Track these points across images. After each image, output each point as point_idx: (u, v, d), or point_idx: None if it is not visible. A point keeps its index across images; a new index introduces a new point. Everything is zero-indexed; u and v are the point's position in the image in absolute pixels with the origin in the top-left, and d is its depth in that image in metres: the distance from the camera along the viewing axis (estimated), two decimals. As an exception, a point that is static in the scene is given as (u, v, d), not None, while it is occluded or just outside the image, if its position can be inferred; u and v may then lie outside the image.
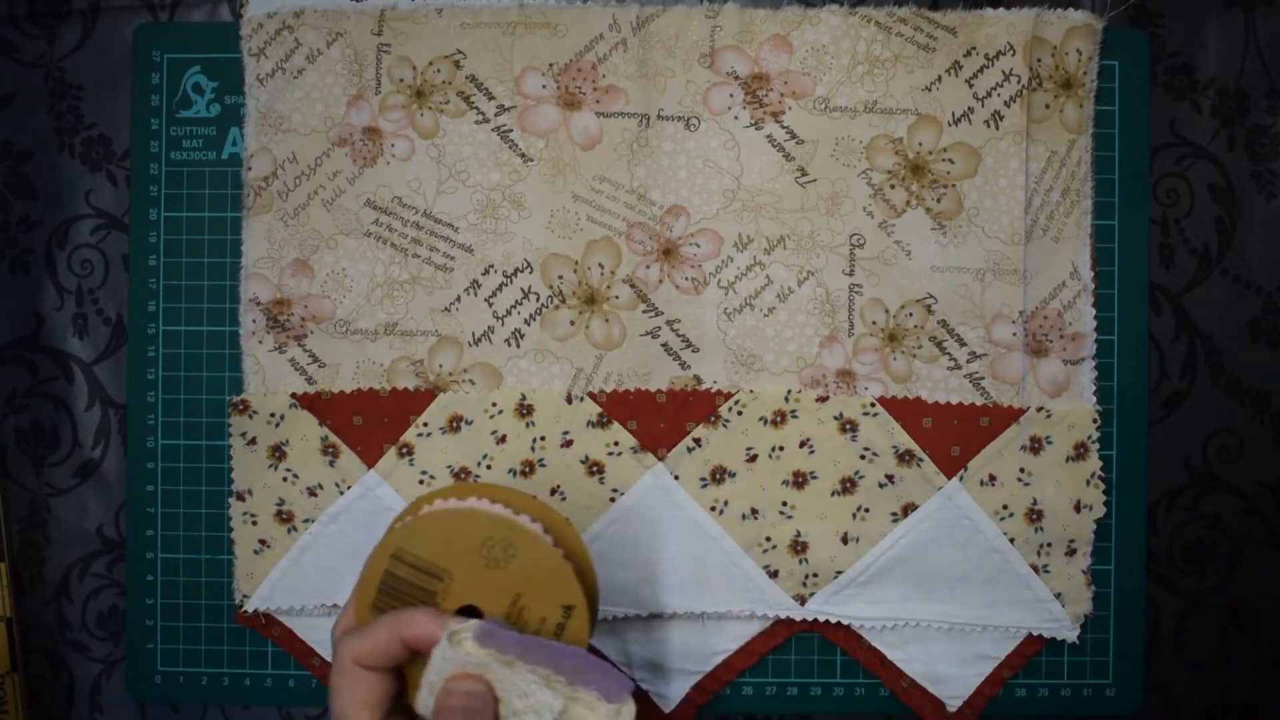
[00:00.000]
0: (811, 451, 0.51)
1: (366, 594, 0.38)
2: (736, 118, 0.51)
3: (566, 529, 0.39)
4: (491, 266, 0.51)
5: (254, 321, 0.52)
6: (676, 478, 0.51)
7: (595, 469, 0.51)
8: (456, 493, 0.39)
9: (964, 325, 0.51)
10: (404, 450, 0.51)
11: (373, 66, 0.51)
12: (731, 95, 0.51)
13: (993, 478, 0.51)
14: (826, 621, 0.52)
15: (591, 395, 0.51)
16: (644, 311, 0.51)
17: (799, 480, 0.51)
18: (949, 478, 0.51)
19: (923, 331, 0.51)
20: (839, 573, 0.51)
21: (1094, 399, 0.51)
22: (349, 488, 0.51)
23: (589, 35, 0.51)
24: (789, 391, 0.51)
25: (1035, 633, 0.52)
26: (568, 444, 0.51)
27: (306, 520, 0.52)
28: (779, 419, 0.51)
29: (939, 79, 0.51)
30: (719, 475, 0.51)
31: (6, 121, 0.53)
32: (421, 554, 0.37)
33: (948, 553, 0.51)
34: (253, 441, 0.51)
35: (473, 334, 0.51)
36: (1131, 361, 0.52)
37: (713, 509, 0.51)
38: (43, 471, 0.54)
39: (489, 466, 0.51)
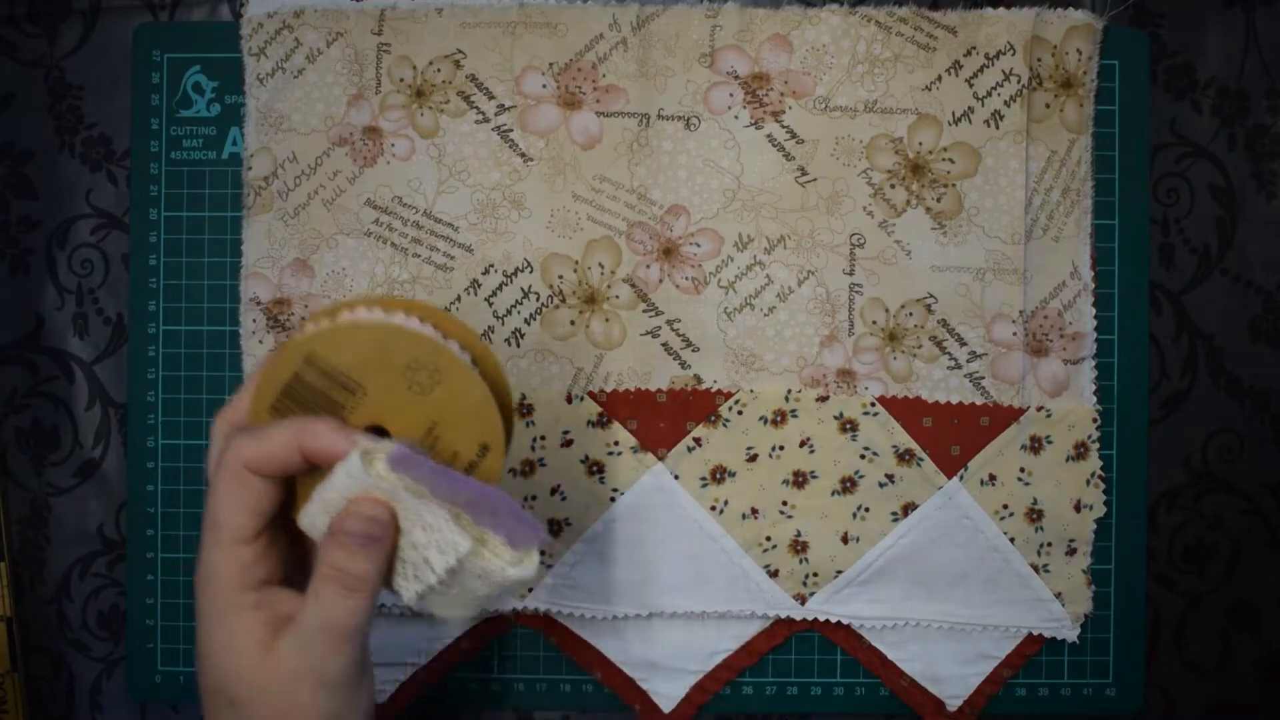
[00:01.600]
0: (812, 451, 0.51)
1: (266, 394, 0.34)
2: (736, 117, 0.51)
3: (492, 360, 0.37)
4: (491, 266, 0.51)
5: (254, 321, 0.52)
6: (676, 477, 0.51)
7: (595, 469, 0.51)
8: (383, 304, 0.35)
9: (964, 325, 0.51)
10: (404, 450, 0.51)
11: (373, 66, 0.51)
12: (731, 95, 0.51)
13: (993, 477, 0.51)
14: (826, 621, 0.52)
15: (591, 395, 0.51)
16: (644, 311, 0.51)
17: (799, 480, 0.51)
18: (949, 477, 0.51)
19: (923, 331, 0.51)
20: (839, 572, 0.51)
21: (1094, 399, 0.51)
22: (349, 487, 0.51)
23: (589, 35, 0.51)
24: (789, 391, 0.51)
25: (1035, 632, 0.52)
26: (568, 443, 0.51)
27: (306, 520, 0.51)
28: (779, 418, 0.51)
29: (939, 78, 0.51)
30: (719, 475, 0.51)
31: (6, 121, 0.53)
32: (338, 363, 0.34)
33: (948, 552, 0.51)
34: (253, 441, 0.51)
35: (473, 334, 0.51)
36: (1131, 361, 0.52)
37: (713, 508, 0.51)
38: (43, 471, 0.54)
39: (489, 466, 0.51)
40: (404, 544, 0.34)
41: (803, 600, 0.51)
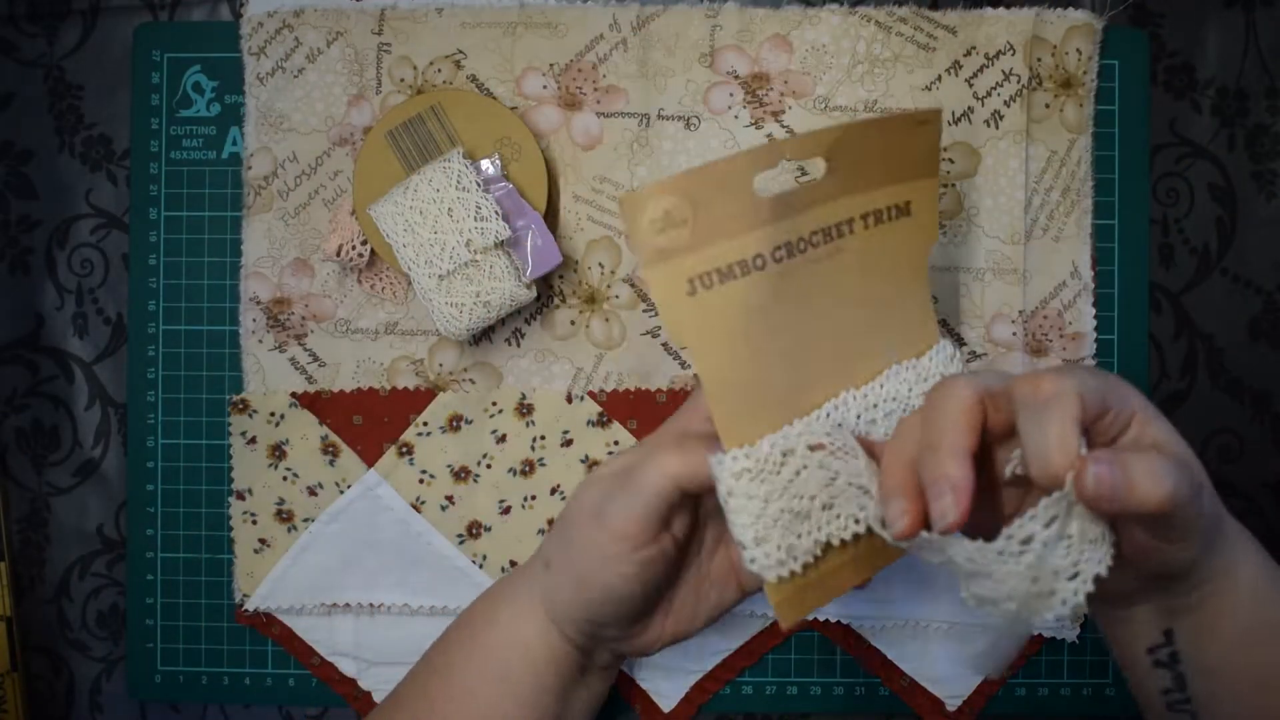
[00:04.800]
0: (811, 451, 0.51)
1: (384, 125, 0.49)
2: (736, 117, 0.51)
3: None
4: (491, 266, 0.51)
5: (254, 321, 0.52)
6: (676, 477, 0.51)
7: (595, 468, 0.51)
8: None
9: (964, 325, 0.51)
10: (404, 450, 0.51)
11: (373, 66, 0.51)
12: (731, 95, 0.51)
13: (993, 477, 0.51)
14: (826, 621, 0.51)
15: (592, 394, 0.51)
16: (644, 311, 0.51)
17: (799, 480, 0.51)
18: (949, 477, 0.51)
19: (923, 331, 0.51)
20: (839, 572, 0.51)
21: (1094, 399, 0.51)
22: (349, 487, 0.51)
23: (589, 35, 0.51)
24: (789, 391, 0.51)
25: (1035, 632, 0.52)
26: (568, 443, 0.51)
27: (306, 520, 0.52)
28: (779, 418, 0.51)
29: (939, 78, 0.51)
30: (719, 475, 0.51)
31: (6, 121, 0.53)
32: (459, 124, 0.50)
33: (948, 552, 0.51)
34: (253, 441, 0.51)
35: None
36: (1131, 361, 0.52)
37: None
38: (43, 471, 0.54)
39: (489, 466, 0.51)
40: (450, 228, 0.46)
41: (803, 600, 0.51)
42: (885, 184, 0.37)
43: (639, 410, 0.51)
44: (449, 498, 0.51)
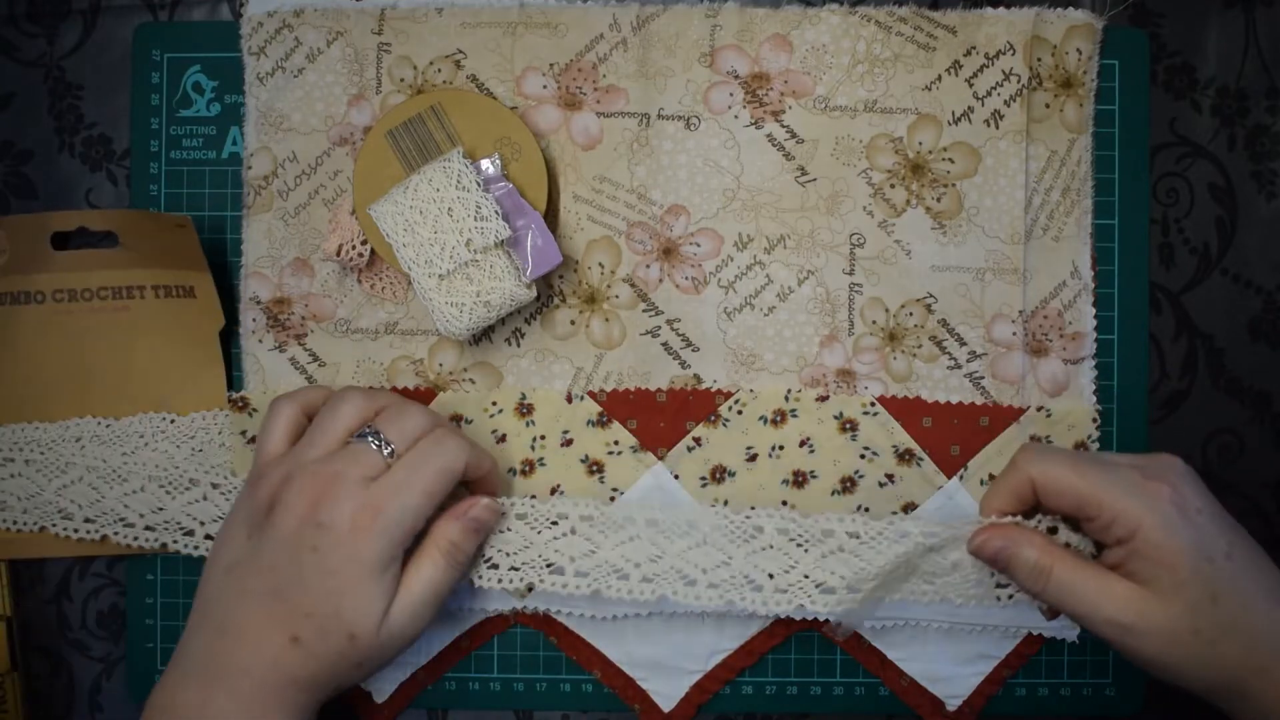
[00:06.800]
0: (811, 451, 0.51)
1: (385, 125, 0.50)
2: (737, 117, 0.51)
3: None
4: (491, 266, 0.51)
5: (254, 320, 0.52)
6: (676, 477, 0.51)
7: (595, 468, 0.51)
8: None
9: (964, 325, 0.51)
10: (404, 450, 0.51)
11: (373, 66, 0.51)
12: (732, 94, 0.51)
13: (993, 477, 0.51)
14: (826, 621, 0.51)
15: (591, 394, 0.51)
16: (644, 311, 0.51)
17: (799, 480, 0.51)
18: (949, 477, 0.51)
19: (923, 331, 0.51)
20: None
21: (1094, 398, 0.51)
22: (349, 487, 0.51)
23: (589, 35, 0.51)
24: (789, 391, 0.51)
25: (1035, 632, 0.52)
26: (568, 443, 0.51)
27: (306, 520, 0.51)
28: (779, 418, 0.51)
29: (939, 78, 0.51)
30: (719, 474, 0.51)
31: (6, 121, 0.54)
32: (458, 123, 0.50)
33: (948, 552, 0.51)
34: (253, 441, 0.51)
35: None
36: (1131, 361, 0.52)
37: (712, 508, 0.51)
38: (43, 471, 0.54)
39: (489, 466, 0.51)
40: (450, 228, 0.46)
41: (803, 600, 0.51)
42: (170, 266, 0.50)
43: (639, 410, 0.51)
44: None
